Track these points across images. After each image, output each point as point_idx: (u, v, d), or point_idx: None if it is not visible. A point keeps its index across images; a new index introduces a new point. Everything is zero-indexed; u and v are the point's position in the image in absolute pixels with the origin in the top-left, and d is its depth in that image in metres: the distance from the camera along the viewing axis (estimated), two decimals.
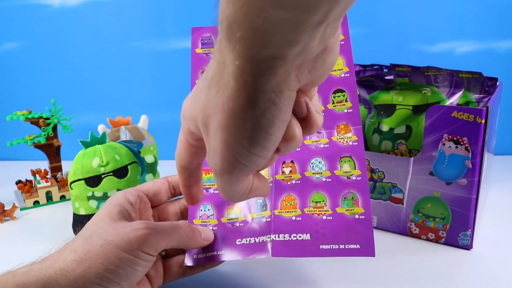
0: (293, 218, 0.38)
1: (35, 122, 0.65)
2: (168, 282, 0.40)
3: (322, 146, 0.42)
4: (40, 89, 0.86)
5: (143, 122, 0.69)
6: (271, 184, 0.41)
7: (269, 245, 0.37)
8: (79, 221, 0.50)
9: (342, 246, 0.36)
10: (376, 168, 0.52)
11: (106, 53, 0.83)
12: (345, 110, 0.42)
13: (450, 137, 0.46)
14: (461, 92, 0.52)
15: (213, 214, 0.41)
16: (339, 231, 0.37)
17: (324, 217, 0.38)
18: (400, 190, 0.51)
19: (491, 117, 0.47)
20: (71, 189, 0.50)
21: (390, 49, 0.80)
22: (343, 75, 0.43)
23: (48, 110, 0.66)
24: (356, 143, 0.41)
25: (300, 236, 0.37)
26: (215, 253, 0.38)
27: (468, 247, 0.49)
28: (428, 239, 0.51)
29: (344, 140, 0.42)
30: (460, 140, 0.46)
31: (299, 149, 0.42)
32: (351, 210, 0.38)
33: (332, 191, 0.39)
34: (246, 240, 0.38)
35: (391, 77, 0.55)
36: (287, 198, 0.40)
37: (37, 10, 0.82)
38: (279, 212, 0.39)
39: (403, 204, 0.51)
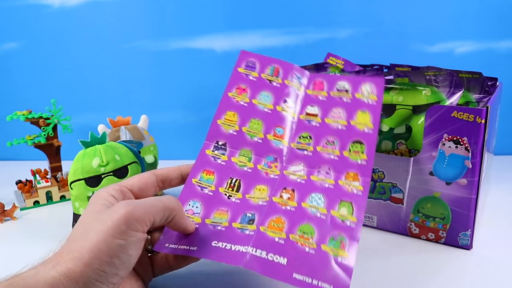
0: (276, 239, 0.37)
1: (35, 122, 0.65)
2: (158, 276, 0.40)
3: (326, 185, 0.42)
4: (40, 89, 0.86)
5: (143, 122, 0.69)
6: (265, 204, 0.41)
7: (244, 256, 0.36)
8: None
9: (315, 282, 0.34)
10: (376, 168, 0.52)
11: (106, 53, 0.84)
12: (359, 161, 0.43)
13: (450, 137, 0.46)
14: (461, 92, 0.52)
15: (199, 213, 0.41)
16: (317, 266, 0.36)
17: (307, 249, 0.37)
18: (400, 190, 0.51)
19: (491, 117, 0.47)
20: (71, 189, 0.50)
21: (390, 49, 0.80)
22: (366, 130, 0.45)
23: (48, 110, 0.66)
24: (361, 193, 0.41)
25: (277, 258, 0.36)
26: (188, 247, 0.38)
27: (468, 247, 0.49)
28: (428, 239, 0.51)
29: (349, 187, 0.42)
30: (460, 140, 0.46)
31: (304, 181, 0.43)
32: (336, 251, 0.37)
33: (323, 228, 0.39)
34: (222, 244, 0.37)
35: (391, 77, 0.55)
36: (276, 220, 0.39)
37: (37, 10, 0.82)
38: (264, 229, 0.38)
39: (403, 204, 0.51)
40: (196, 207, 0.42)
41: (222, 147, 0.46)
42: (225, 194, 0.43)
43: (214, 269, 0.45)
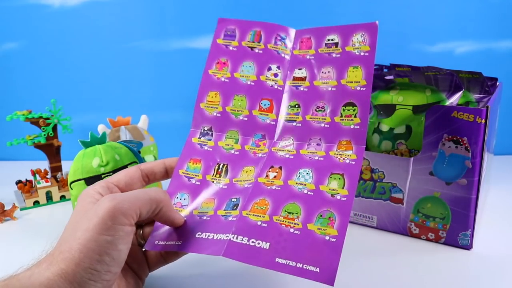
0: (259, 223, 0.35)
1: (35, 122, 0.65)
2: (153, 270, 0.40)
3: (316, 158, 0.39)
4: (40, 89, 0.86)
5: (143, 122, 0.69)
6: (250, 186, 0.39)
7: (224, 244, 0.34)
8: None
9: (299, 265, 0.32)
10: (376, 168, 0.52)
11: (106, 53, 0.84)
12: (352, 126, 0.40)
13: (450, 137, 0.46)
14: (461, 92, 0.52)
15: (187, 205, 0.40)
16: (301, 248, 0.33)
17: (292, 230, 0.35)
18: (400, 190, 0.51)
19: (491, 117, 0.47)
20: (71, 189, 0.50)
21: (390, 49, 0.80)
22: (358, 88, 0.41)
23: (48, 110, 0.66)
24: (354, 163, 0.38)
25: (258, 243, 0.34)
26: (175, 242, 0.37)
27: (468, 247, 0.49)
28: (428, 239, 0.51)
29: (341, 157, 0.39)
30: (460, 140, 0.46)
31: (293, 156, 0.40)
32: (324, 230, 0.34)
33: (310, 205, 0.36)
34: (205, 235, 0.36)
35: (391, 77, 0.55)
36: (260, 202, 0.37)
37: (37, 10, 0.82)
38: (246, 214, 0.36)
39: (403, 204, 0.51)
40: (184, 199, 0.41)
41: (208, 132, 0.44)
42: (212, 181, 0.41)
43: (213, 268, 0.45)
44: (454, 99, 0.52)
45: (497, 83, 0.57)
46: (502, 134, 0.73)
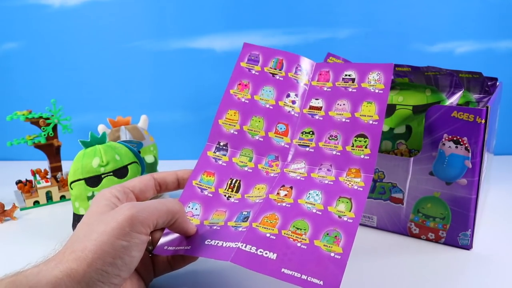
0: (268, 235, 0.37)
1: (35, 122, 0.65)
2: (158, 276, 0.41)
3: (326, 182, 0.41)
4: (40, 89, 0.86)
5: (143, 122, 0.69)
6: (261, 201, 0.40)
7: (232, 251, 0.35)
8: (79, 221, 0.50)
9: (304, 277, 0.33)
10: (376, 168, 0.52)
11: (106, 53, 0.83)
12: (362, 156, 0.42)
13: (450, 137, 0.46)
14: (461, 92, 0.52)
15: (198, 215, 0.41)
16: (307, 262, 0.35)
17: (299, 244, 0.36)
18: (400, 190, 0.51)
19: (491, 117, 0.47)
20: (71, 189, 0.50)
21: (390, 49, 0.80)
22: (371, 121, 0.43)
23: (48, 110, 0.66)
24: (361, 189, 0.40)
25: (266, 253, 0.35)
26: (184, 247, 0.38)
27: (468, 247, 0.49)
28: (428, 239, 0.51)
29: (350, 183, 0.41)
30: (460, 140, 0.46)
31: (303, 178, 0.42)
32: (330, 247, 0.36)
33: (318, 223, 0.38)
34: (214, 242, 0.37)
35: None
36: (270, 216, 0.39)
37: (37, 10, 0.82)
38: (256, 226, 0.38)
39: (403, 204, 0.51)
40: (196, 209, 0.42)
41: (224, 147, 0.46)
42: (225, 195, 0.43)
43: (213, 268, 0.45)
44: (454, 99, 0.52)
45: (497, 83, 0.57)
46: (502, 134, 0.73)
